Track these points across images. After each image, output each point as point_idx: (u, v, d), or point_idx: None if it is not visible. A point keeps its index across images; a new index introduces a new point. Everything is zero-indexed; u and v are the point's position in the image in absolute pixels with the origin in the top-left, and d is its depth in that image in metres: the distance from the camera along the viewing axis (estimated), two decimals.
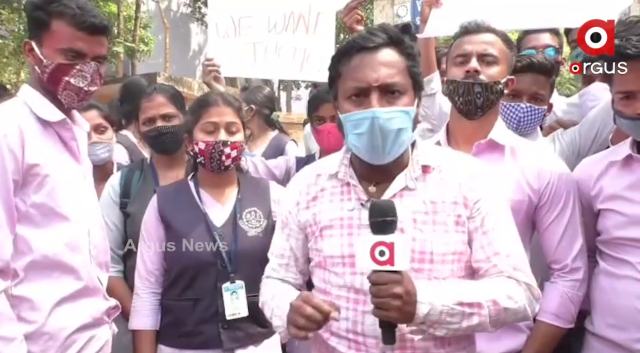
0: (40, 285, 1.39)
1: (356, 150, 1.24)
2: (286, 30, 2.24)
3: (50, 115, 1.46)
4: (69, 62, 1.44)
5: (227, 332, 1.69)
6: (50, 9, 1.42)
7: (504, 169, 1.61)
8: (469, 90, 1.60)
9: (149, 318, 1.75)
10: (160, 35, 14.42)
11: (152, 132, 2.05)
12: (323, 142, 2.15)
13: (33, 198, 1.38)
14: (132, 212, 1.99)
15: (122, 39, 12.42)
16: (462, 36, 1.67)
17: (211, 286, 1.71)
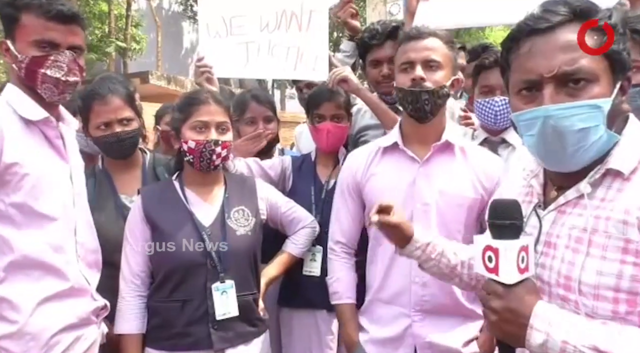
0: (21, 285, 1.37)
1: (533, 155, 1.06)
2: (279, 29, 2.21)
3: (32, 114, 1.44)
4: (43, 53, 1.41)
5: (217, 332, 1.68)
6: (18, 3, 1.40)
7: (457, 168, 1.69)
8: (417, 98, 1.65)
9: (135, 321, 1.71)
10: (152, 34, 14.34)
11: (110, 137, 1.90)
12: (321, 141, 2.13)
13: (12, 197, 1.36)
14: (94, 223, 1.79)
15: (113, 37, 12.34)
16: (405, 42, 1.70)
17: (200, 286, 1.69)
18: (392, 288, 1.69)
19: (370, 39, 2.22)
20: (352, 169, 1.82)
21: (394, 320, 1.68)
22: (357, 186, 1.80)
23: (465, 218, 1.67)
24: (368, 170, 1.77)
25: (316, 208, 2.09)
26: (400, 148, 1.73)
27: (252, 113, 2.27)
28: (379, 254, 1.73)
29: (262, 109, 2.29)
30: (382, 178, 1.74)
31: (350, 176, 1.82)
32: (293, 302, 2.10)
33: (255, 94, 2.34)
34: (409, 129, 1.75)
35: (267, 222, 1.94)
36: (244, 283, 1.76)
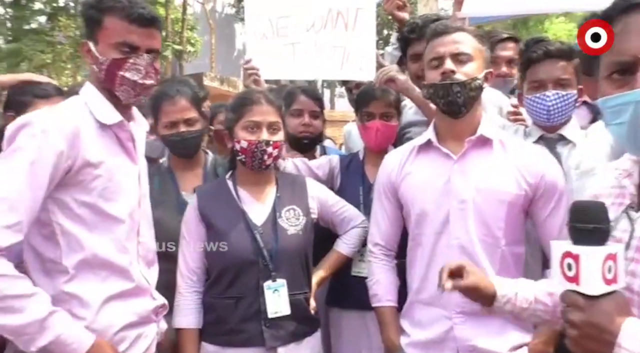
0: (89, 283, 1.41)
1: (622, 147, 0.99)
2: (325, 28, 2.19)
3: (107, 117, 1.46)
4: (122, 56, 1.44)
5: (269, 330, 1.70)
6: (102, 5, 1.43)
7: (496, 162, 1.62)
8: (448, 92, 1.59)
9: (192, 316, 1.77)
10: (206, 36, 14.76)
11: (175, 137, 2.01)
12: (370, 139, 2.11)
13: (84, 198, 1.39)
14: (156, 217, 1.89)
15: (170, 41, 12.80)
16: (433, 39, 1.66)
17: (253, 284, 1.72)
18: (431, 290, 1.64)
19: (410, 32, 2.17)
20: (387, 169, 1.79)
21: (434, 323, 1.63)
22: (393, 186, 1.76)
23: (507, 215, 1.59)
24: (402, 170, 1.74)
25: (364, 208, 2.06)
26: (435, 145, 1.68)
27: (299, 105, 2.30)
28: (417, 255, 1.69)
29: (310, 102, 2.31)
30: (416, 177, 1.70)
31: (386, 177, 1.78)
32: (342, 302, 2.09)
33: (305, 88, 2.37)
34: (442, 126, 1.70)
35: (318, 221, 1.94)
36: (296, 282, 1.77)
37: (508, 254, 1.61)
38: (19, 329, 1.25)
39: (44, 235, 1.38)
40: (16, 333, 1.25)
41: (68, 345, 1.30)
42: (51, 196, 1.35)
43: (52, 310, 1.30)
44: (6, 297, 1.23)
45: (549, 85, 1.89)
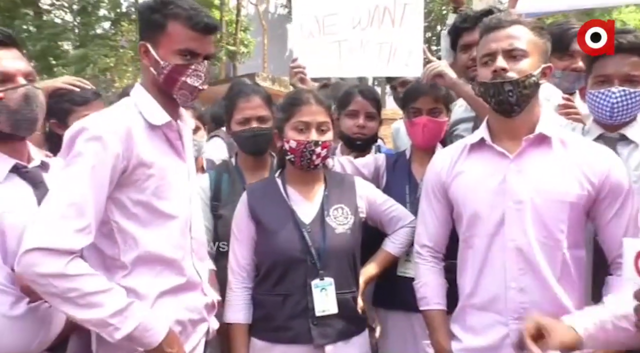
0: (144, 278, 1.46)
1: None
2: (371, 25, 2.18)
3: (156, 118, 1.51)
4: (185, 62, 1.47)
5: (317, 328, 1.71)
6: (166, 11, 1.45)
7: (557, 162, 1.53)
8: (499, 91, 1.52)
9: (242, 312, 1.80)
10: (259, 37, 15.02)
11: (247, 132, 2.08)
12: (417, 136, 2.07)
13: (138, 196, 1.44)
14: (224, 215, 2.04)
15: (224, 43, 13.13)
16: (486, 34, 1.57)
17: (301, 282, 1.73)
18: (485, 294, 1.58)
19: (462, 22, 2.11)
20: (436, 168, 1.74)
21: (489, 329, 1.58)
22: (442, 186, 1.71)
23: (569, 217, 1.51)
24: (453, 169, 1.68)
25: (411, 207, 2.02)
26: (488, 144, 1.61)
27: (355, 106, 2.29)
28: (469, 257, 1.63)
29: (366, 103, 2.29)
30: (468, 177, 1.64)
31: (435, 176, 1.74)
32: (388, 302, 2.07)
33: (362, 89, 2.36)
34: (496, 124, 1.63)
35: (366, 220, 1.93)
36: (344, 281, 1.77)
37: (570, 258, 1.53)
38: (103, 321, 1.31)
39: (103, 234, 1.43)
40: (100, 325, 1.32)
41: (148, 331, 1.37)
42: (109, 196, 1.41)
43: (130, 301, 1.37)
44: (86, 294, 1.29)
45: (616, 81, 1.76)
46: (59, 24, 11.88)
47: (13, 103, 1.37)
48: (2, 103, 1.35)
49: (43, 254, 1.25)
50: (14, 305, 1.30)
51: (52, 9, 12.65)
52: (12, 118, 1.38)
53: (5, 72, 1.36)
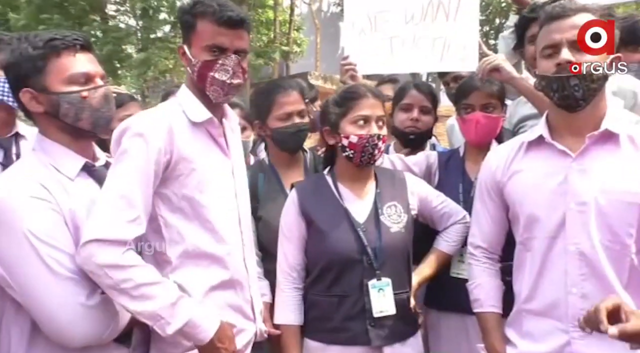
0: (191, 273, 1.50)
1: None
2: (424, 20, 2.14)
3: (197, 116, 1.55)
4: (212, 57, 1.50)
5: (374, 329, 1.68)
6: (195, 10, 1.51)
7: (625, 161, 1.42)
8: (564, 86, 1.41)
9: (293, 313, 1.78)
10: (312, 36, 15.12)
11: (291, 128, 2.01)
12: (470, 132, 2.01)
13: (182, 191, 1.48)
14: (263, 216, 2.02)
15: (277, 42, 13.32)
16: (548, 23, 1.46)
17: (357, 283, 1.70)
18: (544, 299, 1.50)
19: (530, 12, 2.02)
20: (491, 167, 1.66)
21: (548, 336, 1.49)
22: (497, 186, 1.64)
23: (637, 219, 1.41)
24: (509, 168, 1.60)
25: (464, 206, 1.97)
26: (548, 141, 1.52)
27: (409, 100, 2.25)
28: (526, 260, 1.55)
29: (421, 97, 2.25)
30: (526, 176, 1.55)
31: (489, 175, 1.66)
32: (440, 303, 2.02)
33: (417, 83, 2.32)
34: (557, 120, 1.53)
35: (417, 217, 1.89)
36: (400, 281, 1.74)
37: (639, 263, 1.43)
38: (155, 314, 1.34)
39: (153, 229, 1.49)
40: (152, 318, 1.35)
41: (198, 327, 1.39)
42: (156, 191, 1.47)
43: (181, 295, 1.39)
44: (139, 286, 1.33)
45: None
46: (122, 29, 12.49)
47: (95, 102, 1.44)
48: (86, 102, 1.43)
49: (99, 245, 1.31)
50: (90, 296, 1.35)
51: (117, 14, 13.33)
52: (94, 116, 1.44)
53: (87, 73, 1.44)
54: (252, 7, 12.85)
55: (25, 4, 11.99)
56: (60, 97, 1.40)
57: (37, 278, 1.30)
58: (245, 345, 1.61)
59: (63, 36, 1.42)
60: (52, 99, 1.40)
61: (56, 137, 1.45)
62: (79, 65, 1.42)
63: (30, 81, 1.40)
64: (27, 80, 1.41)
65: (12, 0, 12.78)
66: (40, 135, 1.47)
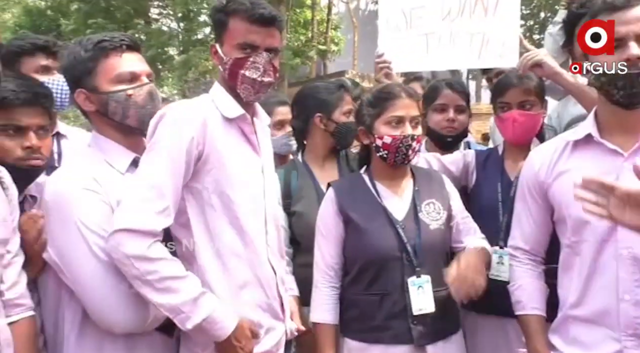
0: (219, 270, 1.50)
1: None
2: (462, 15, 2.09)
3: (230, 111, 1.55)
4: (243, 55, 1.50)
5: (417, 327, 1.66)
6: (227, 9, 1.52)
7: None
8: (631, 83, 1.32)
9: (330, 312, 1.76)
10: (349, 35, 15.09)
11: (354, 124, 2.04)
12: (507, 131, 1.95)
13: (213, 186, 1.48)
14: (298, 211, 2.05)
15: (315, 42, 13.37)
16: (607, 15, 1.36)
17: (398, 281, 1.68)
18: (593, 306, 1.43)
19: (579, 7, 1.93)
20: (533, 167, 1.60)
21: (597, 344, 1.41)
22: (541, 187, 1.57)
23: None
24: (554, 168, 1.53)
25: (503, 207, 1.91)
26: (596, 140, 1.45)
27: (443, 100, 2.21)
28: (574, 265, 1.48)
29: (455, 96, 2.20)
30: (573, 177, 1.44)
31: (532, 175, 1.59)
32: (479, 306, 1.96)
33: (450, 82, 2.27)
34: (608, 118, 1.45)
35: None
36: (439, 278, 1.70)
37: None
38: (176, 308, 1.35)
39: (181, 223, 1.50)
40: (174, 311, 1.36)
41: (217, 324, 1.39)
42: (187, 185, 1.48)
43: (203, 291, 1.40)
44: (165, 279, 1.34)
45: None
46: (165, 32, 12.86)
47: (141, 99, 1.49)
48: (132, 100, 1.48)
49: (128, 235, 1.32)
50: None
51: (160, 17, 13.74)
52: (139, 113, 1.49)
53: (133, 72, 1.49)
54: (290, 7, 12.95)
55: (74, 11, 12.54)
56: (108, 96, 1.47)
57: (85, 266, 1.37)
58: (276, 345, 1.61)
59: (111, 38, 1.48)
60: (102, 98, 1.48)
61: (108, 134, 1.52)
62: (125, 65, 1.48)
63: (83, 82, 1.48)
64: (80, 81, 1.48)
65: (63, 7, 13.41)
66: (95, 133, 1.55)
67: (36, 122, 1.46)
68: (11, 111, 1.41)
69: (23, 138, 1.43)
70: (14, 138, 1.43)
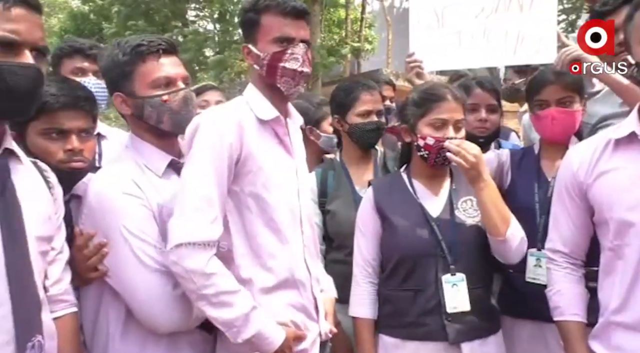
0: (255, 271, 1.52)
1: None
2: (496, 12, 2.06)
3: (265, 114, 1.55)
4: (281, 48, 1.51)
5: (452, 324, 1.65)
6: (258, 7, 1.53)
7: None
8: None
9: (368, 307, 1.78)
10: (383, 33, 14.97)
11: (371, 125, 2.08)
12: (545, 130, 1.90)
13: (250, 188, 1.49)
14: (332, 210, 2.07)
15: (349, 40, 13.33)
16: None
17: (431, 277, 1.68)
18: (637, 312, 1.37)
19: (602, 5, 1.86)
20: (572, 166, 1.53)
21: None
22: (580, 187, 1.51)
23: None
24: (595, 168, 1.47)
25: (540, 208, 1.87)
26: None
27: (475, 99, 2.18)
28: (617, 269, 1.42)
29: (486, 95, 2.18)
30: (615, 177, 1.41)
31: (571, 175, 1.53)
32: (515, 310, 1.92)
33: (480, 81, 2.25)
34: None
35: None
36: (475, 276, 1.70)
37: None
38: (229, 322, 1.39)
39: None
40: (227, 325, 1.40)
41: (266, 339, 1.43)
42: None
43: (254, 306, 1.43)
44: (220, 293, 1.38)
45: None
46: (201, 33, 13.11)
47: (175, 105, 1.51)
48: (167, 105, 1.51)
49: (187, 249, 1.36)
50: (176, 286, 1.44)
51: (197, 19, 14.03)
52: (174, 118, 1.52)
53: (169, 77, 1.52)
54: (324, 6, 12.96)
55: (115, 14, 12.97)
56: (144, 101, 1.50)
57: (129, 269, 1.41)
58: (311, 344, 1.61)
59: (148, 42, 1.50)
60: (138, 103, 1.51)
61: (144, 136, 1.55)
62: (161, 70, 1.50)
63: (120, 85, 1.52)
64: (118, 84, 1.52)
65: (104, 11, 13.88)
66: (132, 135, 1.59)
67: (78, 125, 1.49)
68: (53, 115, 1.45)
69: (65, 141, 1.47)
70: (57, 141, 1.47)
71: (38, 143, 1.46)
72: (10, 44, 1.08)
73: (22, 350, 1.11)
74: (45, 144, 1.46)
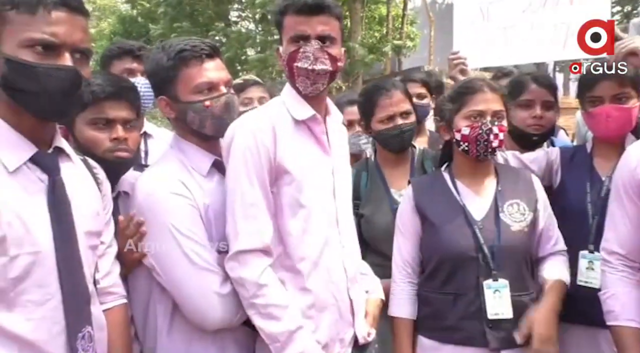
0: (287, 273, 1.50)
1: None
2: (544, 7, 1.99)
3: (300, 113, 1.55)
4: (296, 47, 1.49)
5: (492, 331, 1.61)
6: (281, 8, 1.54)
7: None
8: None
9: (407, 307, 1.76)
10: (425, 30, 14.75)
11: (393, 130, 2.00)
12: (599, 128, 1.82)
13: (284, 190, 1.49)
14: (366, 215, 2.03)
15: (390, 37, 13.22)
16: None
17: (473, 282, 1.64)
18: None
19: None
20: (630, 164, 1.48)
21: None
22: (639, 186, 1.45)
23: None
24: None
25: (593, 209, 1.79)
26: None
27: (530, 95, 2.06)
28: None
29: (543, 91, 2.06)
30: None
31: (629, 174, 1.48)
32: (566, 315, 1.84)
33: (536, 76, 2.14)
34: None
35: None
36: (519, 282, 1.65)
37: None
38: (274, 335, 1.41)
39: None
40: (271, 338, 1.42)
41: None
42: None
43: (300, 325, 1.44)
44: (270, 305, 1.41)
45: None
46: (243, 33, 13.33)
47: (217, 110, 1.53)
48: (209, 110, 1.53)
49: (244, 257, 1.41)
50: (223, 284, 1.47)
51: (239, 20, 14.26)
52: (216, 123, 1.54)
53: (211, 82, 1.53)
54: (365, 3, 12.89)
55: (161, 15, 13.37)
56: (187, 106, 1.52)
57: (179, 268, 1.44)
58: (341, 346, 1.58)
59: (192, 47, 1.51)
60: (181, 107, 1.53)
61: (188, 137, 1.58)
62: (204, 75, 1.52)
63: (165, 89, 1.54)
64: (162, 88, 1.55)
65: (151, 13, 14.34)
66: (176, 136, 1.63)
67: (122, 115, 1.53)
68: (100, 105, 1.50)
69: (111, 131, 1.52)
70: (104, 131, 1.51)
71: (86, 133, 1.51)
72: (50, 46, 1.10)
73: (73, 340, 1.15)
74: (92, 133, 1.51)
